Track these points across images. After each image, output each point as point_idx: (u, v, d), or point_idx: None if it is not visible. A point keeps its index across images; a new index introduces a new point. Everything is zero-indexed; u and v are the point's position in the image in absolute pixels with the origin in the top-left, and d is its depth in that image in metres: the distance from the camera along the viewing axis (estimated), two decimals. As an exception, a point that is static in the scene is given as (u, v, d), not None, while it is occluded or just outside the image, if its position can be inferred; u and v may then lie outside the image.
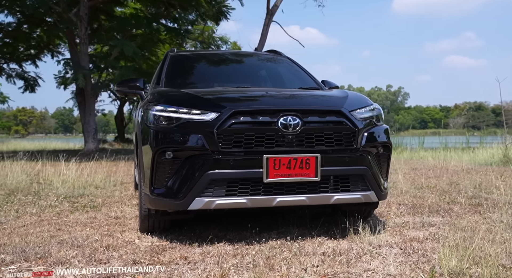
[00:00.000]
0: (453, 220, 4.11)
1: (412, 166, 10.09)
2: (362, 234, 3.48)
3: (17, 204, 4.95)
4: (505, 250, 3.12)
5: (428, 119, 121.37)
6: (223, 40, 21.48)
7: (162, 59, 4.79)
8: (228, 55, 5.32)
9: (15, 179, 6.62)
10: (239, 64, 5.01)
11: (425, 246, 3.25)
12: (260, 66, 5.06)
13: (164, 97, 3.60)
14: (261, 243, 3.30)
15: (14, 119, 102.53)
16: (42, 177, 6.96)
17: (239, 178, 3.23)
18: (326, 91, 4.18)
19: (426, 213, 4.51)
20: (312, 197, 3.37)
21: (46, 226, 3.87)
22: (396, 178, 6.94)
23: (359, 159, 3.48)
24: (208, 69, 4.79)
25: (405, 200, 5.26)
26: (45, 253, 2.98)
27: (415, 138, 18.15)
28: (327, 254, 3.04)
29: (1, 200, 5.19)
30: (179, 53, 4.90)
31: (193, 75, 4.59)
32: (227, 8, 16.19)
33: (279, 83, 4.56)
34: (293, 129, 3.29)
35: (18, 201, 5.14)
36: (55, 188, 6.00)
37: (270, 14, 13.67)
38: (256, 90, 3.95)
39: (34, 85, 16.78)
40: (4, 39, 16.08)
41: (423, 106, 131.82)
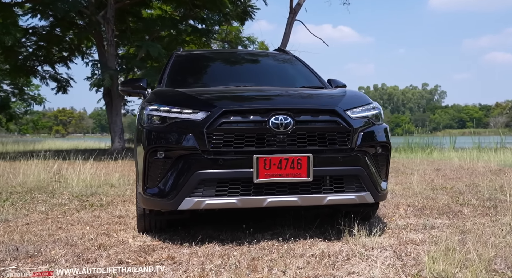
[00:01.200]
0: (459, 223, 3.97)
1: (436, 166, 9.80)
2: (357, 236, 3.40)
3: (30, 202, 5.10)
4: (503, 254, 2.99)
5: (466, 118, 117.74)
6: (251, 40, 21.49)
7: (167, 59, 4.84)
8: (233, 55, 5.32)
9: (36, 177, 6.85)
10: (243, 63, 5.00)
11: (420, 249, 3.16)
12: (264, 65, 5.04)
13: (158, 97, 3.63)
14: (252, 244, 3.27)
15: (54, 120, 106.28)
16: (62, 176, 7.16)
17: (229, 178, 3.22)
18: (325, 90, 4.12)
19: (433, 215, 4.38)
20: (304, 198, 3.32)
21: (48, 224, 3.97)
22: (412, 179, 6.76)
23: (353, 159, 3.41)
24: (210, 68, 4.80)
25: (415, 201, 5.12)
26: (36, 252, 3.04)
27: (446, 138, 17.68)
28: (315, 256, 3.00)
29: (17, 198, 5.36)
30: (184, 53, 4.92)
31: (195, 74, 4.61)
32: (252, 8, 16.22)
33: (281, 82, 4.52)
34: (284, 128, 3.25)
35: (31, 199, 5.30)
36: (71, 187, 6.17)
37: (293, 13, 13.58)
38: (251, 90, 3.93)
39: (66, 86, 17.32)
40: (38, 42, 16.68)
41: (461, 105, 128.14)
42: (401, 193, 5.75)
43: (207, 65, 4.81)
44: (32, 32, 15.90)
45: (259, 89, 3.92)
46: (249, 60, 5.09)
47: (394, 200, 5.21)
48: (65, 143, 27.91)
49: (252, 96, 3.67)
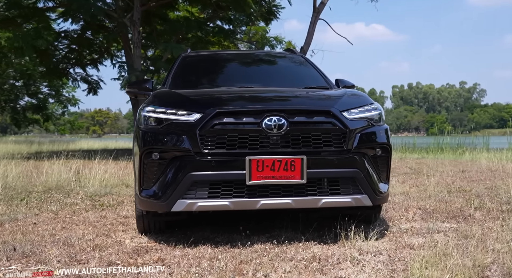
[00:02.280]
0: (466, 227, 3.84)
1: (463, 168, 9.50)
2: (354, 239, 3.34)
3: (44, 202, 5.24)
4: (501, 260, 2.87)
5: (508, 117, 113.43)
6: (278, 40, 21.42)
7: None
8: (240, 55, 5.31)
9: (57, 177, 7.05)
10: (249, 64, 4.98)
11: (416, 254, 3.06)
12: (270, 66, 5.01)
13: (156, 98, 3.66)
14: (246, 246, 3.25)
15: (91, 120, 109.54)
16: (83, 175, 7.34)
17: (222, 179, 3.21)
18: (325, 91, 4.06)
19: (441, 219, 4.25)
20: (298, 200, 3.28)
21: (54, 224, 4.06)
22: (429, 181, 6.58)
23: (349, 160, 3.35)
24: (215, 69, 4.80)
25: (427, 204, 4.98)
26: (32, 252, 3.11)
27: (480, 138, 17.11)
28: (305, 260, 2.96)
29: (34, 197, 5.53)
30: (190, 54, 4.95)
31: (199, 76, 4.63)
32: (277, 8, 16.16)
33: (285, 83, 4.48)
34: (278, 130, 3.22)
35: (46, 199, 5.44)
36: (87, 186, 6.32)
37: (317, 12, 13.46)
38: (247, 90, 3.91)
39: (97, 88, 17.79)
40: (71, 46, 17.20)
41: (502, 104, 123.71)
42: (416, 195, 5.61)
43: (211, 67, 4.82)
44: (64, 35, 16.39)
45: (255, 90, 3.90)
46: (255, 61, 5.08)
47: (405, 203, 5.09)
48: (98, 142, 28.65)
49: (247, 97, 3.65)
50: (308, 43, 13.78)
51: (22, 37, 12.72)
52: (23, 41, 12.56)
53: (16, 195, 5.73)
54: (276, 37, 21.38)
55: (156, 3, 13.86)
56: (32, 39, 12.92)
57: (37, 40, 12.96)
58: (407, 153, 15.63)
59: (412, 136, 55.08)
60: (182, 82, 4.35)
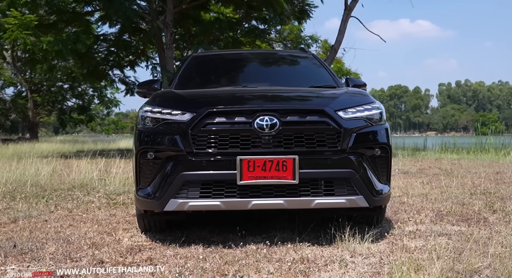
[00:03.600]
0: (475, 230, 3.68)
1: (499, 169, 9.10)
2: (348, 241, 3.27)
3: (63, 199, 5.41)
4: (496, 265, 2.74)
5: None
6: (313, 39, 21.23)
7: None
8: (249, 55, 5.29)
9: (84, 175, 7.32)
10: (256, 63, 4.96)
11: (410, 257, 2.95)
12: (277, 65, 4.97)
13: (155, 98, 3.72)
14: (238, 247, 3.24)
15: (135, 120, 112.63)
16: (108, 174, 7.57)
17: (213, 179, 3.22)
18: (327, 90, 4.00)
19: (452, 222, 4.09)
20: (291, 201, 3.25)
21: (63, 222, 4.18)
22: (451, 183, 6.34)
23: (344, 161, 3.28)
24: (221, 69, 4.81)
25: (443, 206, 4.80)
26: (29, 249, 3.20)
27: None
28: (292, 261, 2.92)
29: (56, 195, 5.72)
30: (200, 55, 4.97)
31: (205, 76, 4.65)
32: (310, 7, 16.02)
33: (290, 82, 4.44)
34: (270, 130, 3.20)
35: (67, 196, 5.62)
36: (109, 185, 6.51)
37: (349, 9, 13.23)
38: (243, 90, 3.90)
39: (133, 89, 18.32)
40: (110, 48, 17.78)
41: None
42: (435, 197, 5.42)
43: (219, 67, 4.84)
44: (103, 38, 16.98)
45: (249, 90, 3.88)
46: (264, 60, 5.05)
47: (419, 205, 4.93)
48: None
49: (241, 97, 3.63)
50: (339, 42, 13.59)
51: (62, 41, 13.25)
52: (62, 45, 13.09)
53: (41, 192, 5.98)
54: (311, 36, 21.20)
55: (188, 5, 14.07)
56: (73, 43, 13.45)
57: (76, 44, 13.47)
58: (446, 153, 15.11)
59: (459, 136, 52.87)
60: (187, 82, 4.40)
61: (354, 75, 24.60)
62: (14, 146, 17.85)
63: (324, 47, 22.83)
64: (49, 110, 31.01)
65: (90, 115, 28.82)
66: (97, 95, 28.28)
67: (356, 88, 4.13)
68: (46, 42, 13.53)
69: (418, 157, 13.81)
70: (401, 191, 5.92)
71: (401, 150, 16.27)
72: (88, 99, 30.96)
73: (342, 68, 23.43)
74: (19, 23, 12.74)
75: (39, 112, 30.45)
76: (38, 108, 29.59)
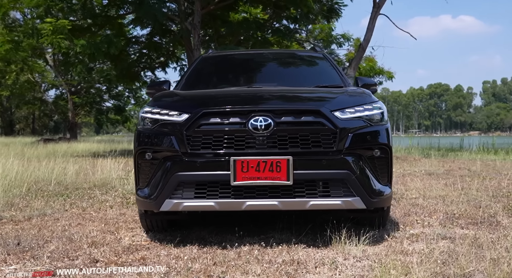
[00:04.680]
0: (483, 234, 3.55)
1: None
2: (346, 243, 3.22)
3: (80, 198, 5.54)
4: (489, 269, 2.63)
5: None
6: (345, 38, 20.95)
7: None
8: (258, 55, 5.27)
9: (107, 174, 7.51)
10: (264, 63, 4.95)
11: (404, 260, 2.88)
12: (285, 65, 4.94)
13: (155, 99, 3.77)
14: (233, 247, 3.24)
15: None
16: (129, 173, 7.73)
17: (207, 180, 3.24)
18: (327, 89, 3.95)
19: (462, 225, 3.96)
20: (285, 202, 3.22)
21: (73, 220, 4.28)
22: (476, 184, 6.11)
23: (339, 162, 3.23)
24: (228, 70, 4.82)
25: (458, 208, 4.64)
26: (31, 247, 3.30)
27: None
28: (282, 263, 2.89)
29: (76, 193, 5.88)
30: (209, 55, 5.00)
31: (210, 76, 4.67)
32: (339, 5, 15.80)
33: (295, 82, 4.41)
34: (264, 130, 3.19)
35: (84, 195, 5.76)
36: (127, 184, 6.65)
37: (377, 7, 12.95)
38: (240, 90, 3.90)
39: (165, 90, 18.65)
40: (142, 50, 18.18)
41: None
42: (452, 199, 5.24)
43: (225, 67, 4.85)
44: (135, 41, 17.39)
45: (247, 90, 3.88)
46: (272, 60, 5.02)
47: (433, 207, 4.79)
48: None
49: (237, 97, 3.63)
50: (367, 40, 13.32)
51: (94, 45, 13.65)
52: (94, 48, 13.49)
53: (63, 191, 6.18)
54: (343, 35, 20.93)
55: (216, 5, 14.19)
56: (105, 46, 13.84)
57: (109, 47, 13.85)
58: (482, 154, 14.57)
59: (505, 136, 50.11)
60: (193, 83, 4.43)
61: (386, 74, 24.11)
62: (53, 146, 18.56)
63: (356, 45, 22.45)
64: (87, 111, 32.10)
65: (126, 116, 29.58)
66: (133, 96, 29.02)
67: (359, 88, 4.06)
68: (80, 46, 13.97)
69: (452, 157, 13.38)
70: (419, 193, 5.76)
71: (435, 150, 15.83)
72: (124, 100, 31.81)
73: (374, 67, 22.97)
74: (54, 28, 13.20)
75: (78, 113, 31.58)
76: (77, 109, 30.70)
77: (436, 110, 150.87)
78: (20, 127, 49.33)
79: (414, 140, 21.82)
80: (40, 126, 47.43)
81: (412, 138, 22.36)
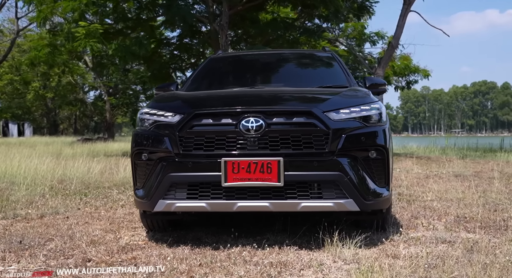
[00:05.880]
0: (487, 238, 3.41)
1: None
2: (339, 246, 3.17)
3: (96, 197, 5.69)
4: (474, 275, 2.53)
5: None
6: (379, 35, 20.54)
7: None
8: (265, 56, 5.24)
9: (128, 173, 7.69)
10: (270, 64, 4.92)
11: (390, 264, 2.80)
12: (290, 66, 4.90)
13: (155, 100, 3.83)
14: (225, 248, 3.25)
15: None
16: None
17: (198, 181, 3.26)
18: (323, 90, 3.91)
19: (469, 229, 3.83)
20: (277, 203, 3.20)
21: (81, 219, 4.39)
22: (493, 188, 5.87)
23: (331, 163, 3.18)
24: (233, 71, 4.82)
25: (470, 212, 4.48)
26: (30, 246, 3.39)
27: None
28: (267, 265, 2.88)
29: (95, 192, 6.05)
30: (217, 56, 5.02)
31: (215, 78, 4.68)
32: (370, 2, 15.48)
33: (299, 82, 4.37)
34: (255, 131, 3.18)
35: (101, 194, 5.92)
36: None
37: (408, 4, 12.63)
38: (236, 91, 3.89)
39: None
40: (173, 52, 18.51)
41: None
42: (468, 202, 5.07)
43: (232, 68, 4.86)
44: (166, 42, 17.71)
45: (241, 91, 3.87)
46: (278, 61, 4.98)
47: (445, 210, 4.65)
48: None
49: (230, 98, 3.64)
50: (397, 37, 13.03)
51: (124, 47, 14.02)
52: (124, 51, 13.85)
53: (83, 189, 6.37)
54: (377, 33, 20.53)
55: (243, 6, 14.24)
56: (137, 48, 14.18)
57: (140, 49, 14.18)
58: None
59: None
60: (198, 84, 4.47)
61: (422, 72, 23.43)
62: (90, 145, 19.17)
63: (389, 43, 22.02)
64: (124, 111, 32.99)
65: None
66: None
67: (359, 88, 3.98)
68: (112, 49, 14.38)
69: (489, 158, 12.83)
70: (436, 195, 5.58)
71: (472, 150, 15.27)
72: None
73: (409, 65, 22.39)
74: (87, 32, 13.63)
75: (115, 113, 32.52)
76: (114, 110, 31.62)
77: (481, 109, 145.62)
78: (64, 127, 51.29)
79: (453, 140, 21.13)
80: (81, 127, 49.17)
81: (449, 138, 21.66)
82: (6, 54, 29.47)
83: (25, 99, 41.53)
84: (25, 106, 43.51)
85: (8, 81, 39.21)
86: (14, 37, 29.52)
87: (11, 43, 29.25)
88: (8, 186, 6.56)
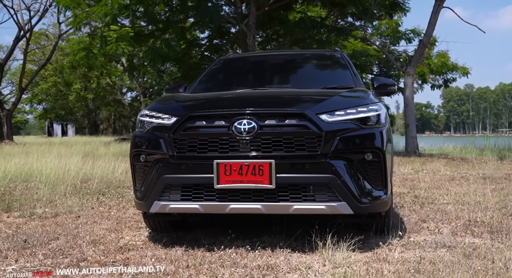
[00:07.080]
0: (490, 244, 3.28)
1: None
2: (332, 249, 3.11)
3: (112, 197, 5.81)
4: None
5: None
6: (415, 33, 20.06)
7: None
8: (273, 57, 5.21)
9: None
10: (277, 65, 4.88)
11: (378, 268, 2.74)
12: (296, 67, 4.86)
13: (155, 102, 3.89)
14: (219, 250, 3.25)
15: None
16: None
17: (191, 183, 3.28)
18: (320, 92, 3.84)
19: (476, 234, 3.70)
20: (269, 206, 3.19)
21: (91, 218, 4.49)
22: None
23: (324, 166, 3.13)
24: (239, 72, 4.82)
25: (483, 216, 4.32)
26: (33, 245, 3.49)
27: None
28: (254, 268, 2.87)
29: (113, 192, 6.20)
30: (226, 58, 5.04)
31: (221, 79, 4.69)
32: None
33: (303, 83, 4.34)
34: (247, 133, 3.18)
35: (117, 193, 6.05)
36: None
37: (440, 0, 12.23)
38: (230, 93, 3.89)
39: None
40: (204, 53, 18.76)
41: None
42: (486, 205, 4.88)
43: (239, 69, 4.86)
44: (196, 43, 17.98)
45: (236, 93, 3.87)
46: (286, 62, 4.94)
47: (458, 213, 4.50)
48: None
49: (224, 100, 3.64)
50: (429, 35, 12.63)
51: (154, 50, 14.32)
52: (154, 53, 14.14)
53: (103, 189, 6.55)
54: (413, 30, 20.09)
55: (270, 6, 14.24)
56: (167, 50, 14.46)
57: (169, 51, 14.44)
58: None
59: None
60: (205, 85, 4.50)
61: (461, 70, 22.75)
62: (125, 145, 19.66)
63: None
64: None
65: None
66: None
67: (360, 89, 3.90)
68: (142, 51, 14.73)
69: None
70: (453, 198, 5.40)
71: (507, 151, 14.62)
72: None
73: (446, 63, 21.75)
74: (118, 35, 14.00)
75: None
76: (149, 111, 32.27)
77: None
78: (103, 127, 52.93)
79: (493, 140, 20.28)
80: (120, 127, 50.57)
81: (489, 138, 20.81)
82: (49, 58, 30.65)
83: (68, 101, 43.17)
84: (67, 107, 45.21)
85: (52, 84, 40.89)
86: (56, 41, 30.68)
87: (53, 47, 30.43)
88: (36, 185, 6.84)
